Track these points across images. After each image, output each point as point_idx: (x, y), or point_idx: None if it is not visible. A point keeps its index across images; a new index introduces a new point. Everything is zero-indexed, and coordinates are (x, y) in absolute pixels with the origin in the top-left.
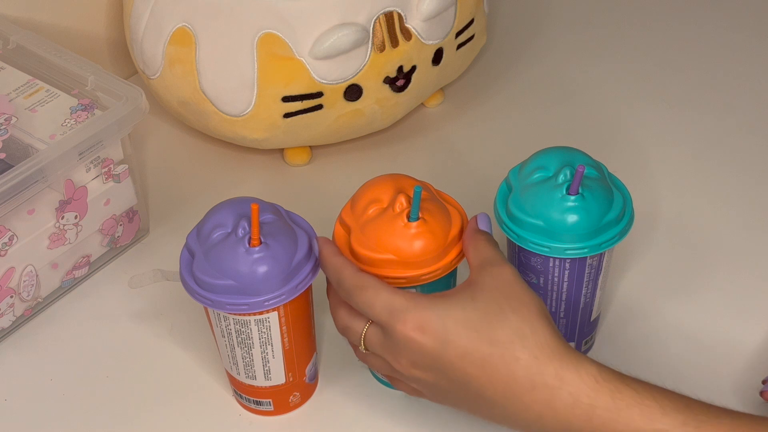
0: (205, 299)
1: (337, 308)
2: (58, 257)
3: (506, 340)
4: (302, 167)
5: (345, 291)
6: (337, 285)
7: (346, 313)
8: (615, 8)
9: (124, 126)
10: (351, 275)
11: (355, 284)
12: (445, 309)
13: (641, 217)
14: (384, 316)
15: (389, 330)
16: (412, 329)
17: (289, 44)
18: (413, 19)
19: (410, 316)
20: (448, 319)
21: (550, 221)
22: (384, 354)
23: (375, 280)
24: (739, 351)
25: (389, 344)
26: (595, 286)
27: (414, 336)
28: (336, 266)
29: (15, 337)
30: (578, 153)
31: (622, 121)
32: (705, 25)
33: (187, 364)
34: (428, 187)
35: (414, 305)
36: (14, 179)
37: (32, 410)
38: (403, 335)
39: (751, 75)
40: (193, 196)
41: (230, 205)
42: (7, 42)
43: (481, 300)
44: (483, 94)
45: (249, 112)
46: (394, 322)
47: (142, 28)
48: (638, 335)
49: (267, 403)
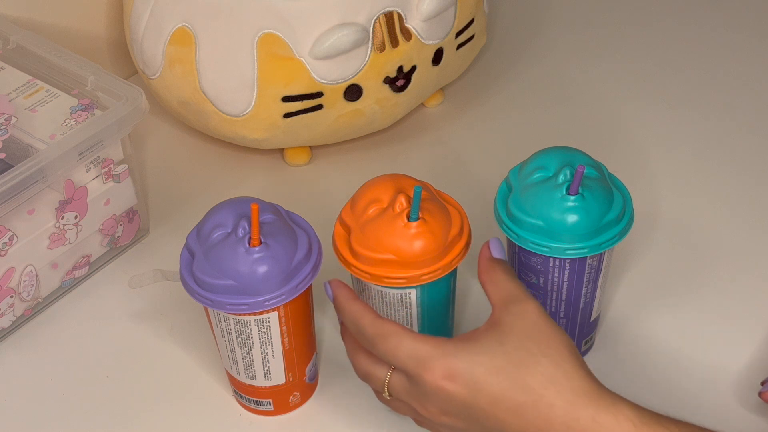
0: (205, 299)
1: (356, 354)
2: (58, 257)
3: (539, 386)
4: (302, 167)
5: (366, 339)
6: (357, 333)
7: (365, 359)
8: (615, 8)
9: (124, 126)
10: (371, 323)
11: (377, 333)
12: (472, 355)
13: (641, 217)
14: (410, 364)
15: (416, 378)
16: (440, 378)
17: (289, 44)
18: (413, 19)
19: (437, 364)
20: (476, 366)
21: (550, 221)
22: (410, 401)
23: (396, 326)
24: (738, 351)
25: (416, 391)
26: (595, 286)
27: (443, 385)
28: (354, 314)
29: (15, 337)
30: (578, 153)
31: (622, 121)
32: (705, 25)
33: (187, 364)
34: (428, 187)
35: (440, 353)
36: (14, 179)
37: (32, 410)
38: (432, 384)
39: (751, 75)
40: (193, 196)
41: (230, 205)
42: (7, 42)
43: (509, 344)
44: (483, 94)
45: (249, 112)
46: (421, 371)
47: (142, 28)
48: (638, 335)
49: (267, 403)
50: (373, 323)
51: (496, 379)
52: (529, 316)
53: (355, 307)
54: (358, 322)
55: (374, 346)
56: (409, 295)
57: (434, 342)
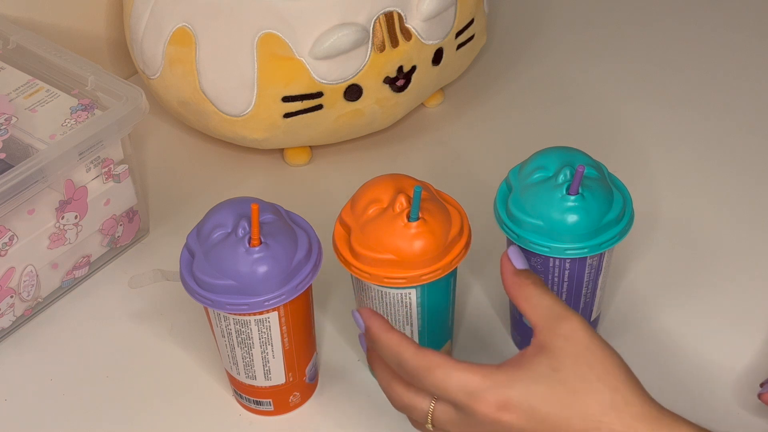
0: (205, 299)
1: (392, 385)
2: (58, 257)
3: (599, 412)
4: (302, 167)
5: (407, 372)
6: (397, 366)
7: (404, 391)
8: (615, 8)
9: (124, 126)
10: (413, 355)
11: (420, 365)
12: (526, 385)
13: (641, 217)
14: (460, 397)
15: (467, 410)
16: (495, 410)
17: (289, 44)
18: (413, 19)
19: (490, 395)
20: (532, 396)
21: (550, 221)
22: (457, 431)
23: (440, 357)
24: (738, 352)
25: (467, 422)
26: (595, 286)
27: (499, 416)
28: (392, 346)
29: (15, 337)
30: (578, 153)
31: (622, 121)
32: (705, 25)
33: (187, 364)
34: (428, 187)
35: (492, 383)
36: (14, 179)
37: (32, 410)
38: (486, 416)
39: (751, 75)
40: (193, 196)
41: (230, 205)
42: (7, 42)
43: (564, 370)
44: (483, 94)
45: (249, 112)
46: (473, 403)
47: (142, 28)
48: (638, 335)
49: (267, 403)
50: (415, 355)
51: (554, 409)
52: (579, 337)
53: (393, 339)
54: (399, 355)
55: (418, 378)
56: (409, 295)
57: (484, 372)
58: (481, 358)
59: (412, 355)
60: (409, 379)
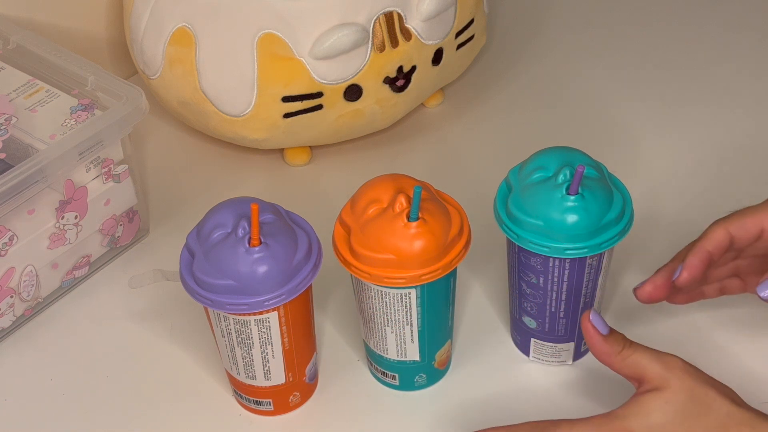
0: (205, 299)
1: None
2: (58, 257)
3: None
4: (302, 167)
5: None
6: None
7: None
8: (615, 8)
9: (124, 126)
10: (534, 426)
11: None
12: (643, 417)
13: (641, 217)
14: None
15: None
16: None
17: (289, 44)
18: (413, 19)
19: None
20: (650, 426)
21: (549, 221)
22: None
23: (560, 420)
24: (738, 352)
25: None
26: (595, 286)
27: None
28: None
29: (15, 337)
30: (578, 153)
31: (622, 121)
32: (705, 25)
33: (187, 364)
34: (428, 187)
35: (612, 417)
36: (14, 179)
37: (32, 410)
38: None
39: (751, 75)
40: (193, 196)
41: (230, 205)
42: (7, 42)
43: (676, 403)
44: (483, 94)
45: (249, 112)
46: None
47: (142, 28)
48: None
49: (267, 403)
50: (536, 426)
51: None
52: (684, 373)
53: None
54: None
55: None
56: (409, 295)
57: (601, 417)
58: (481, 358)
59: (532, 426)
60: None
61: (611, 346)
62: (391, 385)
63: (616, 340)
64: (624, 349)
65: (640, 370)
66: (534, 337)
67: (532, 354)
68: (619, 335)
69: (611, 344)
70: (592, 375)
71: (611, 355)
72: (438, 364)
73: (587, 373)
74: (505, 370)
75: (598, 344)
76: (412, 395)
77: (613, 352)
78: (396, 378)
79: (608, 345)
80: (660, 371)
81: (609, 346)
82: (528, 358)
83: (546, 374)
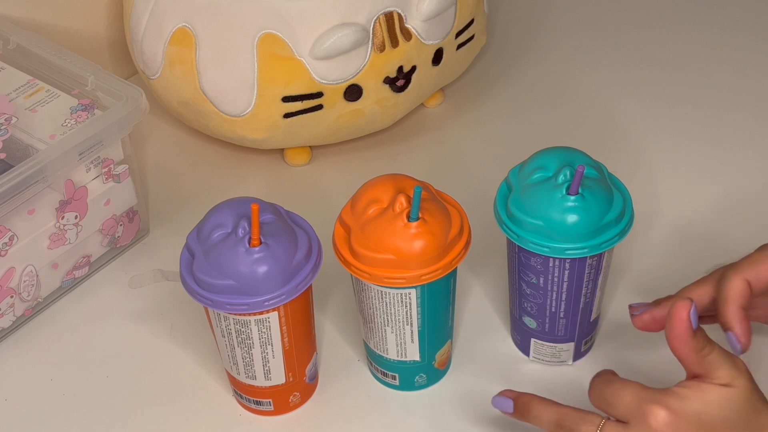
0: (205, 299)
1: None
2: (58, 257)
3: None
4: (302, 167)
5: (571, 415)
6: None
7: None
8: (614, 8)
9: (124, 126)
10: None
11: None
12: (699, 400)
13: (641, 217)
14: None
15: (639, 419)
16: (668, 419)
17: (289, 44)
18: (413, 19)
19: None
20: (703, 413)
21: (549, 221)
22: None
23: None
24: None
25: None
26: (595, 286)
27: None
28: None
29: (15, 337)
30: (578, 153)
31: (622, 121)
32: (705, 25)
33: (187, 364)
34: (428, 187)
35: (664, 394)
36: (14, 179)
37: (32, 410)
38: (658, 424)
39: (752, 75)
40: (193, 196)
41: (230, 205)
42: (7, 42)
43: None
44: (483, 94)
45: (249, 112)
46: (647, 410)
47: (142, 28)
48: (638, 335)
49: (267, 403)
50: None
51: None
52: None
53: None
54: (559, 407)
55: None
56: (409, 295)
57: (655, 389)
58: (481, 358)
59: (571, 409)
60: (573, 422)
61: (697, 342)
62: (391, 385)
63: (702, 337)
64: (705, 347)
65: (712, 369)
66: (534, 337)
67: (532, 354)
68: (703, 332)
69: (697, 341)
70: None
71: (694, 351)
72: (438, 364)
73: (587, 373)
74: (505, 370)
75: (687, 339)
76: (412, 395)
77: (697, 348)
78: (396, 378)
79: (695, 341)
80: (730, 371)
81: (695, 343)
82: (528, 358)
83: (546, 374)
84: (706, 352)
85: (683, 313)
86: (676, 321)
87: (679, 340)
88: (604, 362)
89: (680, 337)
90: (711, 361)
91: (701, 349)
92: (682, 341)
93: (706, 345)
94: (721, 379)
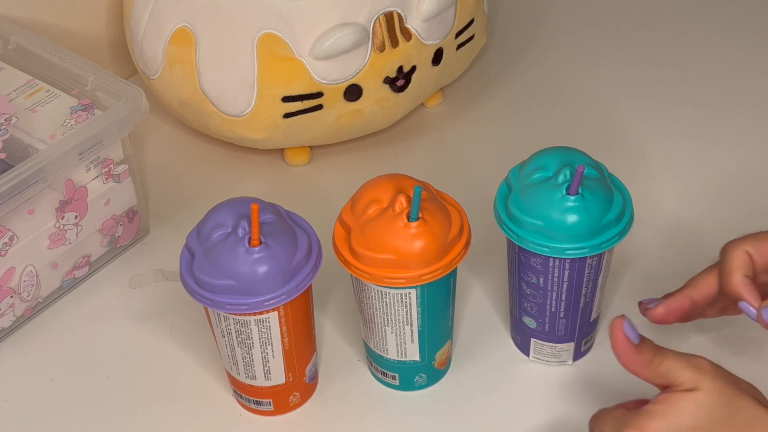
0: (205, 299)
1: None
2: (58, 257)
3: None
4: (302, 167)
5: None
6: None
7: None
8: (614, 8)
9: (124, 126)
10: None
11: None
12: (670, 416)
13: (641, 217)
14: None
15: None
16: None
17: (289, 44)
18: (413, 19)
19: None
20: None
21: (549, 221)
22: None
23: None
24: (738, 352)
25: None
26: (595, 286)
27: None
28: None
29: (15, 337)
30: (578, 153)
31: (622, 121)
32: (705, 25)
33: (187, 364)
34: (428, 187)
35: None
36: (14, 179)
37: (32, 410)
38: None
39: (752, 75)
40: (193, 196)
41: (230, 205)
42: (7, 42)
43: (708, 405)
44: (483, 94)
45: (249, 112)
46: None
47: (142, 28)
48: None
49: (267, 403)
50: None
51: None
52: (714, 375)
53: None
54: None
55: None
56: (409, 295)
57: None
58: (481, 358)
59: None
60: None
61: (643, 355)
62: (391, 385)
63: (648, 349)
64: (655, 358)
65: (672, 377)
66: (534, 337)
67: (532, 354)
68: (650, 343)
69: (643, 354)
70: (592, 375)
71: (643, 365)
72: (438, 364)
73: (587, 373)
74: (505, 370)
75: (629, 355)
76: (412, 395)
77: (645, 362)
78: (396, 378)
79: (640, 355)
80: (692, 375)
81: (641, 356)
82: (528, 358)
83: (546, 374)
84: (658, 362)
85: (618, 332)
86: (614, 342)
87: (624, 359)
88: (604, 362)
89: (624, 356)
90: (667, 370)
91: (650, 360)
92: (627, 359)
93: (656, 355)
94: (685, 384)
